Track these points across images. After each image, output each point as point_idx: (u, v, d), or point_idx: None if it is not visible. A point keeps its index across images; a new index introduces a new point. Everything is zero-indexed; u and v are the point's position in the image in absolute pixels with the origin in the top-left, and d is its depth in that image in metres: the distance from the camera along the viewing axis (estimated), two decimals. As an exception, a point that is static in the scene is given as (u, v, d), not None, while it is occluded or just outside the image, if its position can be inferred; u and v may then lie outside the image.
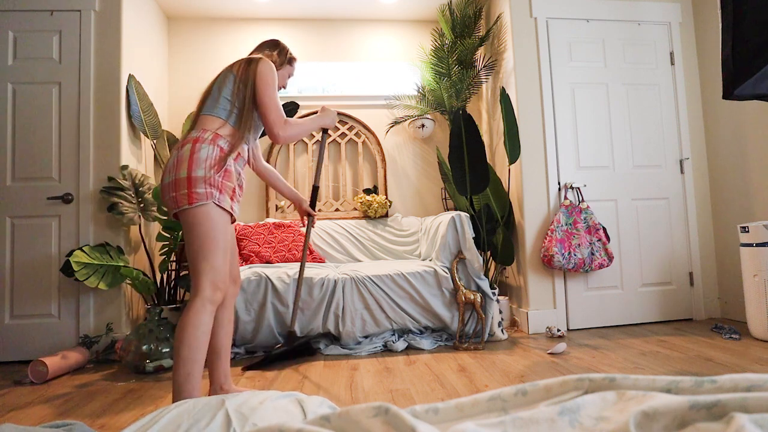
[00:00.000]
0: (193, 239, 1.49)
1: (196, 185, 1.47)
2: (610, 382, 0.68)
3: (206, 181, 1.48)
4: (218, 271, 1.50)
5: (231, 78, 1.64)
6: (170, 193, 1.50)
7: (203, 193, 1.48)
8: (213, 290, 1.49)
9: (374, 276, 2.58)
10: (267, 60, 1.68)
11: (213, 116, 1.60)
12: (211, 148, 1.52)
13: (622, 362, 2.13)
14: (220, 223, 1.51)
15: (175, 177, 1.50)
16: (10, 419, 1.67)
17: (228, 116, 1.61)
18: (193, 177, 1.48)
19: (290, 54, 1.90)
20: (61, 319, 2.54)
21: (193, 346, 1.42)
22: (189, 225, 1.49)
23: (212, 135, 1.55)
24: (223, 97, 1.62)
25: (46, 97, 2.63)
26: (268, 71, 1.64)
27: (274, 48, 1.85)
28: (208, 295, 1.48)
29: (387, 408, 0.61)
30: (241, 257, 2.98)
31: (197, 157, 1.50)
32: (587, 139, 3.01)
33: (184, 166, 1.49)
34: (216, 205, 1.50)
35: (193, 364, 1.42)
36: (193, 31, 3.60)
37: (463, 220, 2.66)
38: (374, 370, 2.15)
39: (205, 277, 1.48)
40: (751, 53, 1.55)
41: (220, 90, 1.63)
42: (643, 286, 2.98)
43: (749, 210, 2.84)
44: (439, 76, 3.31)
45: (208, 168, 1.49)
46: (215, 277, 1.49)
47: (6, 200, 2.56)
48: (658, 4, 3.15)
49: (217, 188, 1.50)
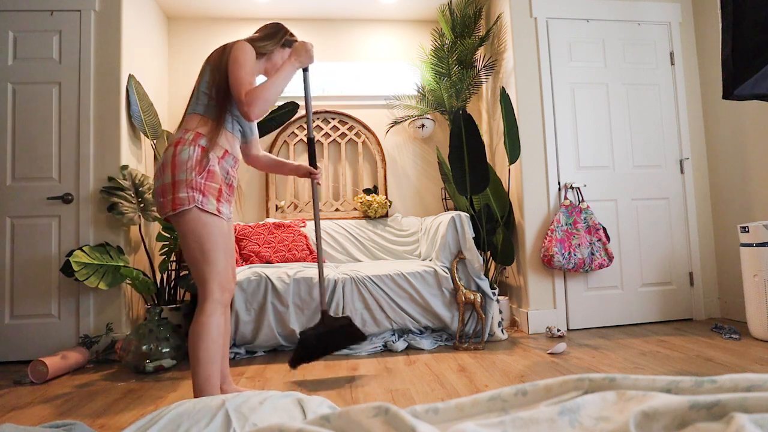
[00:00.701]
0: (190, 245, 1.48)
1: (178, 190, 1.44)
2: (610, 382, 0.68)
3: (188, 185, 1.45)
4: (222, 273, 1.50)
5: (207, 69, 1.59)
6: (159, 198, 1.49)
7: (185, 198, 1.44)
8: (221, 292, 1.49)
9: (374, 276, 2.58)
10: (242, 42, 1.58)
11: (194, 114, 1.56)
12: (192, 148, 1.48)
13: (622, 362, 2.13)
14: (211, 224, 1.48)
15: (162, 182, 1.48)
16: (10, 419, 1.67)
17: (206, 110, 1.56)
18: (177, 181, 1.45)
19: (288, 37, 1.76)
20: (61, 319, 2.54)
21: (210, 350, 1.44)
22: (182, 231, 1.48)
23: (193, 135, 1.51)
24: (201, 91, 1.57)
25: (46, 97, 2.63)
26: (240, 51, 1.54)
27: (266, 30, 1.74)
28: (217, 297, 1.48)
29: (387, 408, 0.61)
30: (241, 257, 2.98)
31: (178, 159, 1.46)
32: (587, 139, 3.01)
33: (168, 170, 1.47)
34: (200, 209, 1.47)
35: (211, 366, 1.44)
36: (193, 31, 3.60)
37: (463, 220, 2.66)
38: (374, 370, 2.15)
39: (211, 281, 1.48)
40: (751, 53, 1.55)
41: (199, 84, 1.59)
42: (643, 286, 2.98)
43: (749, 210, 2.84)
44: (439, 76, 3.31)
45: (189, 170, 1.45)
46: (221, 279, 1.49)
47: (6, 200, 2.56)
48: (658, 4, 3.15)
49: (199, 191, 1.46)
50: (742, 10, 1.56)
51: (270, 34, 1.72)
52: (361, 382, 1.98)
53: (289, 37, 1.77)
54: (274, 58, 1.74)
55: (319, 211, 2.07)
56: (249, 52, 1.56)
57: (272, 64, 1.74)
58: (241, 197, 3.45)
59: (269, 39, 1.71)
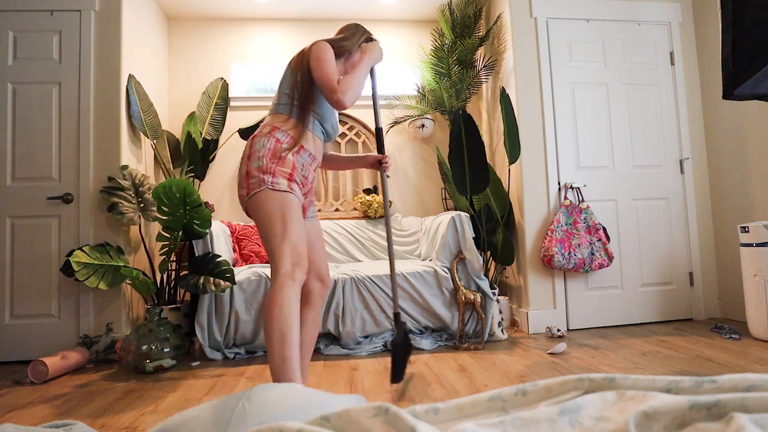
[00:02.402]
0: (261, 225, 1.46)
1: (251, 176, 1.48)
2: (610, 382, 0.68)
3: (258, 170, 1.47)
4: (294, 245, 1.44)
5: (289, 72, 1.62)
6: (238, 191, 1.53)
7: (256, 181, 1.47)
8: (292, 265, 1.42)
9: (374, 276, 2.58)
10: (321, 41, 1.60)
11: (275, 114, 1.60)
12: (266, 139, 1.51)
13: (622, 362, 2.13)
14: (281, 199, 1.46)
15: (240, 176, 1.52)
16: (10, 419, 1.67)
17: (289, 110, 1.58)
18: (250, 170, 1.49)
19: (365, 36, 1.76)
20: (61, 319, 2.54)
21: (282, 327, 1.34)
22: (255, 213, 1.48)
23: (270, 128, 1.54)
24: (282, 92, 1.61)
25: (46, 97, 2.63)
26: (319, 51, 1.57)
27: (346, 31, 1.74)
28: (288, 270, 1.41)
29: (387, 408, 0.61)
30: (241, 257, 2.98)
31: (253, 150, 1.50)
32: (587, 139, 3.01)
33: (244, 162, 1.52)
34: (271, 189, 1.46)
35: (287, 346, 1.33)
36: (193, 31, 3.60)
37: (463, 220, 2.66)
38: (374, 370, 2.15)
39: (280, 254, 1.42)
40: (751, 53, 1.55)
41: (280, 86, 1.62)
42: (643, 286, 2.98)
43: (749, 210, 2.84)
44: (439, 76, 3.31)
45: (261, 158, 1.48)
46: (292, 252, 1.43)
47: (6, 200, 2.56)
48: (658, 4, 3.16)
49: (269, 173, 1.47)
50: (742, 10, 1.56)
51: (350, 35, 1.73)
52: (361, 382, 1.98)
53: (370, 36, 1.77)
54: (353, 59, 1.74)
55: (389, 207, 2.01)
56: (329, 51, 1.58)
57: (351, 64, 1.74)
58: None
59: (349, 39, 1.71)
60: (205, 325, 2.46)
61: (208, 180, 3.48)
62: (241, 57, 3.63)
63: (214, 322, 2.48)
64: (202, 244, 2.56)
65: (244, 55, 3.63)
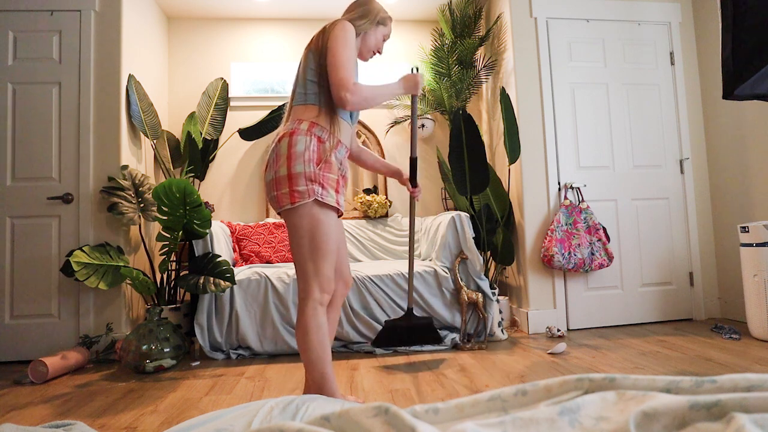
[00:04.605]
0: (300, 240, 1.43)
1: (297, 183, 1.39)
2: (610, 382, 0.68)
3: (307, 177, 1.39)
4: (324, 276, 1.45)
5: (310, 56, 1.49)
6: (272, 192, 1.44)
7: (305, 191, 1.39)
8: (321, 293, 1.44)
9: (374, 276, 2.58)
10: (343, 21, 1.49)
11: (303, 105, 1.49)
12: (308, 139, 1.42)
13: (622, 362, 2.13)
14: (326, 221, 1.43)
15: (275, 175, 1.42)
16: (10, 419, 1.67)
17: (317, 100, 1.47)
18: (294, 174, 1.39)
19: (382, 14, 1.64)
20: (61, 319, 2.54)
21: (318, 348, 1.42)
22: (294, 226, 1.43)
23: (308, 124, 1.45)
24: (308, 80, 1.49)
25: (46, 97, 2.63)
26: (340, 31, 1.45)
27: (359, 8, 1.61)
28: (317, 297, 1.44)
29: (387, 408, 0.61)
30: (241, 257, 2.98)
31: (295, 151, 1.40)
32: (587, 139, 3.01)
33: (283, 162, 1.41)
34: (320, 202, 1.42)
35: (323, 364, 1.43)
36: (193, 31, 3.60)
37: (463, 220, 2.66)
38: (374, 370, 2.15)
39: (313, 281, 1.43)
40: (751, 53, 1.55)
41: (304, 73, 1.50)
42: (643, 286, 2.98)
43: (749, 210, 2.84)
44: (439, 76, 3.31)
45: (307, 162, 1.40)
46: (321, 281, 1.44)
47: (6, 200, 2.56)
48: (657, 4, 3.16)
49: (319, 183, 1.41)
50: (742, 11, 1.56)
51: (365, 13, 1.61)
52: (361, 382, 1.98)
53: (384, 14, 1.66)
54: (368, 39, 1.63)
55: (414, 224, 2.05)
56: (351, 31, 1.47)
57: (365, 45, 1.64)
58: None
59: (365, 18, 1.60)
60: (205, 326, 2.46)
61: (208, 180, 3.48)
62: (241, 57, 3.63)
63: (214, 322, 2.48)
64: (202, 244, 2.56)
65: (244, 55, 3.63)
